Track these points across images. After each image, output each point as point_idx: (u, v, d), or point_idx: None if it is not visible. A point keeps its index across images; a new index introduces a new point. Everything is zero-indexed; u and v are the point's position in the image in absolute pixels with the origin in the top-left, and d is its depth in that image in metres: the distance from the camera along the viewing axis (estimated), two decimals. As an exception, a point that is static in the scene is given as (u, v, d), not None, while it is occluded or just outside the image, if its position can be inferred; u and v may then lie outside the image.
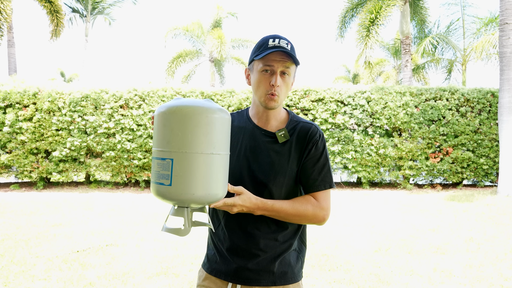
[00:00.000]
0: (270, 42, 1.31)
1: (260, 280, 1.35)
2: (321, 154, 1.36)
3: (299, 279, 1.41)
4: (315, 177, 1.34)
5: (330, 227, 5.50)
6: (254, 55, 1.34)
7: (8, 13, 11.35)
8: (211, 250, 1.44)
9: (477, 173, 9.34)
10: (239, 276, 1.35)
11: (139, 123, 8.98)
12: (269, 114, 1.39)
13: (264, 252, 1.35)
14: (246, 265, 1.35)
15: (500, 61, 8.57)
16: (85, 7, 18.84)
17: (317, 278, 3.56)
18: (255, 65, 1.33)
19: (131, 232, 5.17)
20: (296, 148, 1.36)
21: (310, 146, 1.35)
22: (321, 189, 1.34)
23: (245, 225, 1.35)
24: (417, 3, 14.16)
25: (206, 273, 1.42)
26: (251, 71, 1.37)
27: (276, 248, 1.36)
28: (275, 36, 1.33)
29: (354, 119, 9.16)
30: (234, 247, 1.36)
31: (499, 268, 3.83)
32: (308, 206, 1.32)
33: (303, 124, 1.39)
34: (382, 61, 22.93)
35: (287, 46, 1.30)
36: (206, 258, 1.46)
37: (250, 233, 1.35)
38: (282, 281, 1.36)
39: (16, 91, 8.77)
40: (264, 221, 1.35)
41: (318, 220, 1.34)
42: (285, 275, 1.37)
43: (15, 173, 9.18)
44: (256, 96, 1.36)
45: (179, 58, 19.05)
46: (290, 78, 1.34)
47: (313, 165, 1.35)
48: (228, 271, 1.37)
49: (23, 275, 3.58)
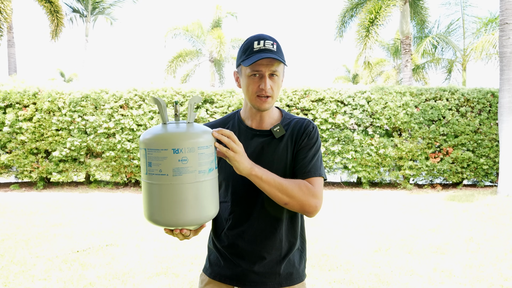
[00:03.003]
0: (255, 44, 1.29)
1: (266, 283, 1.35)
2: (313, 144, 1.36)
3: (304, 278, 1.42)
4: (306, 164, 1.33)
5: (330, 227, 5.50)
6: (241, 60, 1.32)
7: (8, 13, 11.35)
8: (214, 255, 1.43)
9: (477, 173, 9.34)
10: (245, 279, 1.35)
11: (139, 123, 8.98)
12: (263, 115, 1.39)
13: (270, 254, 1.35)
14: (252, 269, 1.35)
15: (500, 61, 8.57)
16: (85, 7, 18.83)
17: (317, 278, 3.57)
18: (243, 69, 1.33)
19: (131, 232, 5.18)
20: (292, 141, 1.36)
21: (304, 137, 1.35)
22: (311, 176, 1.31)
23: (250, 228, 1.35)
24: (417, 3, 14.16)
25: (209, 278, 1.41)
26: (240, 74, 1.36)
27: (281, 250, 1.36)
28: (260, 37, 1.30)
29: (354, 119, 9.16)
30: (239, 251, 1.36)
31: (499, 268, 3.83)
32: (302, 187, 1.27)
33: (297, 119, 1.40)
34: (382, 61, 22.93)
35: (272, 47, 1.29)
36: (208, 263, 1.44)
37: (255, 236, 1.35)
38: (288, 282, 1.37)
39: (16, 91, 8.77)
40: (269, 222, 1.35)
41: (309, 206, 1.27)
42: (290, 276, 1.38)
43: (15, 173, 9.18)
44: (248, 100, 1.35)
45: (179, 58, 19.06)
46: (280, 77, 1.33)
47: (305, 154, 1.34)
48: (233, 275, 1.37)
49: (23, 275, 3.58)
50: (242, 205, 1.36)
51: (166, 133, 1.12)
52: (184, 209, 1.12)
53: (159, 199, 1.12)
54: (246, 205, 1.36)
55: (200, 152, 1.12)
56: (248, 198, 1.35)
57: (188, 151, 1.10)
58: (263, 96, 1.31)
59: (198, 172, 1.12)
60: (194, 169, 1.11)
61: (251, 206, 1.35)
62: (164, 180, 1.10)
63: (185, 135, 1.12)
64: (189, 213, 1.12)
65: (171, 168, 1.09)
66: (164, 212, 1.12)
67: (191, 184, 1.11)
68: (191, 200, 1.12)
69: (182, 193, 1.11)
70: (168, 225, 1.14)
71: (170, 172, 1.10)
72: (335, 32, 14.15)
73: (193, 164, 1.11)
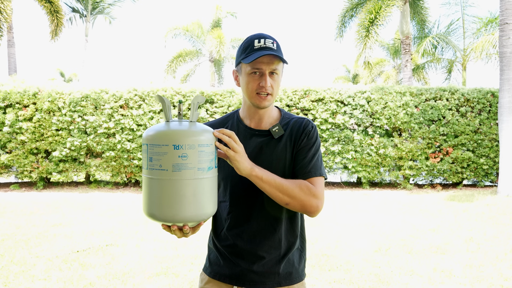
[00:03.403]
0: (256, 43, 1.30)
1: (265, 282, 1.35)
2: (313, 144, 1.36)
3: (303, 278, 1.42)
4: (306, 165, 1.33)
5: (330, 227, 5.50)
6: (241, 58, 1.32)
7: (8, 13, 11.35)
8: (214, 254, 1.43)
9: (477, 173, 9.34)
10: (244, 279, 1.35)
11: (139, 123, 8.98)
12: (262, 114, 1.39)
13: (269, 254, 1.35)
14: (251, 268, 1.35)
15: (500, 61, 8.57)
16: (85, 7, 18.83)
17: (317, 278, 3.57)
18: (243, 67, 1.33)
19: (131, 232, 5.18)
20: (291, 141, 1.36)
21: (303, 136, 1.35)
22: (312, 176, 1.31)
23: (249, 228, 1.35)
24: (417, 3, 14.16)
25: (209, 277, 1.41)
26: (239, 73, 1.36)
27: (281, 249, 1.36)
28: (260, 36, 1.31)
29: (354, 119, 9.16)
30: (238, 251, 1.36)
31: (499, 268, 3.83)
32: (302, 187, 1.27)
33: (296, 119, 1.40)
34: (382, 61, 22.92)
35: (273, 46, 1.30)
36: (208, 262, 1.45)
37: (254, 236, 1.35)
38: (288, 282, 1.37)
39: (16, 91, 8.77)
40: (268, 222, 1.35)
41: (310, 207, 1.27)
42: (290, 275, 1.38)
43: (15, 173, 9.18)
44: (248, 98, 1.35)
45: (179, 58, 19.06)
46: (279, 76, 1.34)
47: (304, 154, 1.34)
48: (232, 274, 1.37)
49: (23, 275, 3.58)
50: (241, 205, 1.36)
51: (169, 130, 1.16)
52: (181, 205, 1.13)
53: (157, 194, 1.15)
54: (245, 205, 1.36)
55: (200, 149, 1.14)
56: (246, 198, 1.35)
57: (188, 147, 1.12)
58: (263, 94, 1.31)
59: (197, 169, 1.14)
60: (193, 166, 1.13)
61: (250, 206, 1.35)
62: (164, 175, 1.13)
63: (187, 133, 1.15)
64: (186, 210, 1.14)
65: (171, 164, 1.12)
66: (161, 207, 1.15)
67: (189, 180, 1.13)
68: (189, 196, 1.14)
69: (181, 188, 1.13)
70: (165, 220, 1.16)
71: (169, 168, 1.12)
72: (335, 32, 14.15)
73: (192, 161, 1.13)
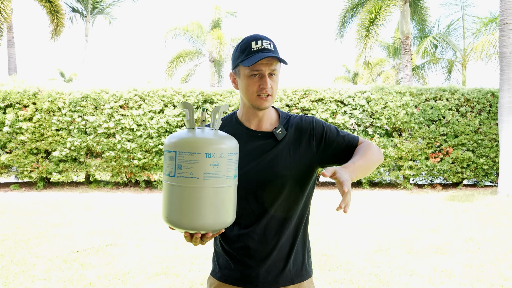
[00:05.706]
0: (253, 45, 1.29)
1: (278, 281, 1.36)
2: (328, 127, 1.42)
3: (312, 274, 1.45)
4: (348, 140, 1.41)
5: (330, 227, 5.50)
6: (239, 61, 1.32)
7: (8, 13, 11.35)
8: (223, 258, 1.42)
9: (477, 173, 9.34)
10: (257, 280, 1.35)
11: (139, 123, 8.98)
12: (262, 115, 1.39)
13: (280, 253, 1.36)
14: (263, 268, 1.35)
15: (500, 61, 8.57)
16: (85, 6, 18.84)
17: (317, 278, 3.57)
18: (242, 70, 1.32)
19: (131, 232, 5.18)
20: (296, 140, 1.38)
21: (314, 132, 1.39)
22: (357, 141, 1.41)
23: (259, 229, 1.36)
24: (417, 3, 14.16)
25: (219, 281, 1.40)
26: (237, 75, 1.36)
27: (291, 247, 1.38)
28: (257, 37, 1.31)
29: (354, 119, 9.16)
30: (249, 252, 1.36)
31: (499, 268, 3.83)
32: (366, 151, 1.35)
33: (293, 118, 1.43)
34: (382, 61, 22.93)
35: (270, 47, 1.30)
36: (217, 267, 1.43)
37: (265, 235, 1.36)
38: (299, 279, 1.39)
39: (16, 91, 8.77)
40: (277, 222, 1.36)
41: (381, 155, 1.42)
42: (300, 272, 1.40)
43: (15, 173, 9.18)
44: (248, 100, 1.35)
45: (179, 58, 19.06)
46: (278, 76, 1.35)
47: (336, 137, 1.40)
48: (244, 276, 1.36)
49: (23, 275, 3.58)
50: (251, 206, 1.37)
51: (199, 138, 1.16)
52: (210, 212, 1.15)
53: (188, 202, 1.14)
54: (255, 206, 1.36)
55: (229, 158, 1.16)
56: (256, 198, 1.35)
57: (219, 156, 1.14)
58: (263, 95, 1.31)
59: (226, 177, 1.16)
60: (223, 174, 1.15)
61: (260, 206, 1.36)
62: (195, 183, 1.13)
63: (217, 141, 1.16)
64: (215, 217, 1.16)
65: (203, 172, 1.12)
66: (191, 215, 1.14)
67: (219, 188, 1.15)
68: (218, 204, 1.15)
69: (211, 196, 1.14)
70: (194, 228, 1.16)
71: (201, 176, 1.12)
72: (335, 32, 14.17)
73: (222, 169, 1.14)
